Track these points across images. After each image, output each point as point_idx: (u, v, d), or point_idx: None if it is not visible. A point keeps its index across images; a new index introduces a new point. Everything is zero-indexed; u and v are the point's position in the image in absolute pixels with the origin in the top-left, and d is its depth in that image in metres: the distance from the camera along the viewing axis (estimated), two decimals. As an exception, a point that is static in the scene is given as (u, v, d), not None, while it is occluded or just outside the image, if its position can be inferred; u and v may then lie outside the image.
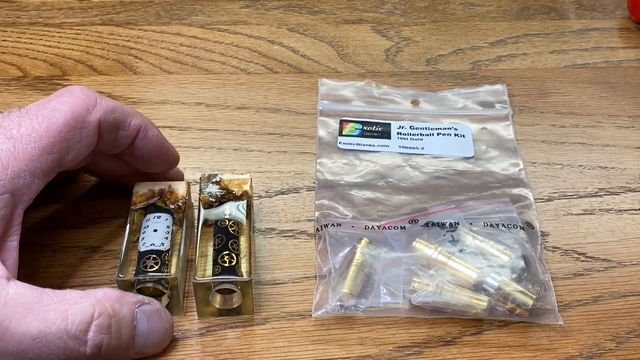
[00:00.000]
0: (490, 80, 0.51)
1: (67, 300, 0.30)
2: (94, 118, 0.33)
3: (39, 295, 0.30)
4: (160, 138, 0.38)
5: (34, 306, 0.29)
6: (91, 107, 0.33)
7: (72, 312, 0.30)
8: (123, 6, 0.56)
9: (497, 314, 0.36)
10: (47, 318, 0.29)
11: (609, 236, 0.41)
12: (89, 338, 0.30)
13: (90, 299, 0.31)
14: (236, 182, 0.39)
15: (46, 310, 0.29)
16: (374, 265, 0.38)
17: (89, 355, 0.30)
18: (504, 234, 0.39)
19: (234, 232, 0.37)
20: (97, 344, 0.30)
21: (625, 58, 0.53)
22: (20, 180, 0.31)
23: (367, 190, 0.43)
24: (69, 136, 0.32)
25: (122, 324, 0.31)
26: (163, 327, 0.33)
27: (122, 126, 0.35)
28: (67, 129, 0.32)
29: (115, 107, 0.35)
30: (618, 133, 0.48)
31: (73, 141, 0.33)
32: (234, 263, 0.35)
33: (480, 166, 0.44)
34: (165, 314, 0.33)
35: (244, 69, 0.51)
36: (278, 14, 0.56)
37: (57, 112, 0.32)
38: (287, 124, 0.47)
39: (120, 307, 0.31)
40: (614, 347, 0.36)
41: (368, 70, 0.52)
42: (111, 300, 0.31)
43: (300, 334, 0.36)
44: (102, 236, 0.40)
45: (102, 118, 0.34)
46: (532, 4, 0.59)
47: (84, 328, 0.30)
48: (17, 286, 0.30)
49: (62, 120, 0.32)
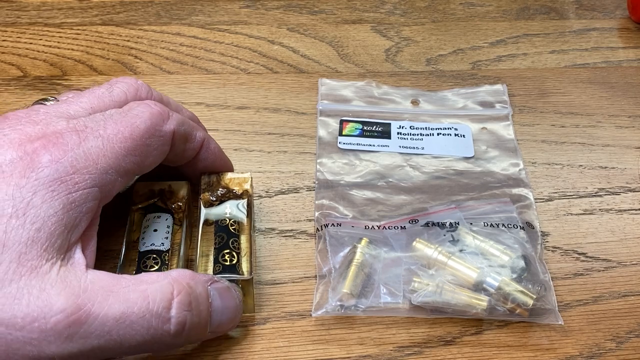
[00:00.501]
0: (490, 80, 0.51)
1: (144, 281, 0.31)
2: (169, 128, 0.35)
3: (116, 279, 0.30)
4: (220, 150, 0.40)
5: (114, 288, 0.30)
6: (166, 118, 0.35)
7: (151, 291, 0.30)
8: (123, 6, 0.56)
9: (497, 314, 0.36)
10: (129, 299, 0.30)
11: (609, 236, 0.41)
12: (172, 315, 0.30)
13: (167, 277, 0.31)
14: (237, 180, 0.39)
15: (126, 291, 0.30)
16: (374, 265, 0.38)
17: (174, 333, 0.31)
18: (504, 234, 0.39)
19: (235, 230, 0.37)
20: (181, 321, 0.31)
21: (625, 58, 0.53)
22: (107, 176, 0.32)
23: (367, 190, 0.43)
24: (148, 142, 0.34)
25: (200, 300, 0.32)
26: (234, 302, 0.34)
27: (189, 138, 0.37)
28: (148, 135, 0.34)
29: (184, 120, 0.37)
30: (618, 133, 0.48)
31: (152, 147, 0.34)
32: (234, 261, 0.35)
33: (480, 166, 0.44)
34: (234, 290, 0.34)
35: (244, 69, 0.51)
36: (278, 14, 0.56)
37: (139, 118, 0.34)
38: (287, 124, 0.47)
39: (195, 284, 0.32)
40: (614, 347, 0.36)
41: (368, 70, 0.52)
42: (186, 278, 0.32)
43: (300, 334, 0.36)
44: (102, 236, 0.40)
45: (176, 129, 0.36)
46: (532, 4, 0.59)
47: (166, 305, 0.30)
48: (95, 273, 0.30)
49: (143, 126, 0.34)
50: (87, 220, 0.32)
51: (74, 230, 0.31)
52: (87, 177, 0.31)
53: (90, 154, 0.32)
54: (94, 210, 0.32)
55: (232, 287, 0.34)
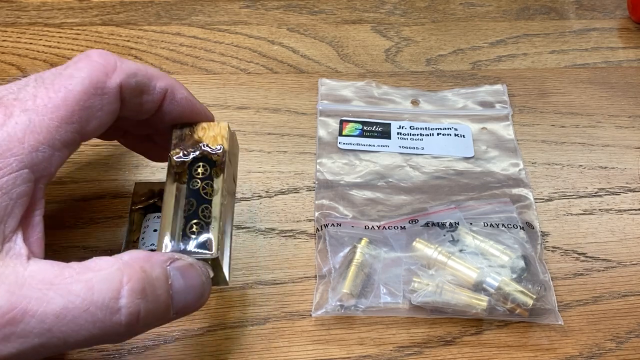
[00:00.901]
0: (490, 80, 0.51)
1: (91, 269, 0.28)
2: (114, 83, 0.31)
3: (60, 269, 0.28)
4: (190, 100, 0.35)
5: (55, 280, 0.27)
6: (110, 71, 0.31)
7: (97, 280, 0.28)
8: (123, 6, 0.56)
9: (497, 314, 0.36)
10: (70, 291, 0.27)
11: (609, 236, 0.41)
12: (123, 305, 0.28)
13: (117, 262, 0.28)
14: (211, 133, 0.35)
15: (68, 282, 0.27)
16: (374, 265, 0.38)
17: (126, 324, 0.28)
18: (504, 234, 0.39)
19: (207, 195, 0.33)
20: (133, 311, 0.28)
21: (625, 58, 0.53)
22: (39, 154, 0.29)
23: (367, 190, 0.43)
24: (88, 104, 0.30)
25: (156, 284, 0.29)
26: (199, 280, 0.31)
27: (146, 90, 0.33)
28: (87, 97, 0.30)
29: (138, 70, 0.32)
30: (618, 133, 0.48)
31: (94, 109, 0.31)
32: (203, 234, 0.32)
33: (480, 166, 0.44)
34: (199, 267, 0.31)
35: (244, 69, 0.51)
36: (278, 14, 0.56)
37: (74, 79, 0.30)
38: (287, 124, 0.47)
39: (151, 267, 0.29)
40: (614, 347, 0.36)
41: (368, 70, 0.52)
42: (140, 261, 0.29)
43: (300, 334, 0.36)
44: (102, 236, 0.40)
45: (124, 82, 0.32)
46: (532, 4, 0.59)
47: (113, 295, 0.28)
48: (37, 264, 0.28)
49: (79, 87, 0.30)
50: (21, 206, 0.29)
51: (7, 220, 0.28)
52: (12, 160, 0.29)
53: (15, 133, 0.29)
54: (29, 194, 0.29)
55: (197, 264, 0.31)
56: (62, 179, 0.43)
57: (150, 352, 0.35)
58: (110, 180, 0.43)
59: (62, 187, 0.42)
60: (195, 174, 0.33)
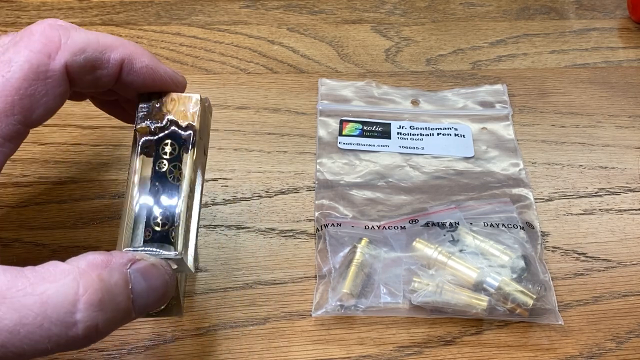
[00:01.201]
0: (490, 80, 0.51)
1: (46, 279, 0.26)
2: (57, 65, 0.28)
3: (13, 278, 0.26)
4: (153, 68, 0.31)
5: (8, 293, 0.25)
6: (53, 51, 0.28)
7: (51, 293, 0.26)
8: (123, 6, 0.56)
9: (497, 314, 0.36)
10: (24, 305, 0.25)
11: (609, 236, 0.41)
12: (79, 319, 0.26)
13: (73, 272, 0.27)
14: (181, 107, 0.31)
15: (21, 296, 0.25)
16: (374, 265, 0.38)
17: (84, 336, 0.26)
18: (504, 234, 0.39)
19: (173, 180, 0.30)
20: (90, 325, 0.26)
21: (625, 58, 0.53)
22: None
23: (367, 190, 0.43)
24: (30, 92, 0.28)
25: (115, 292, 0.27)
26: (162, 279, 0.29)
27: (98, 65, 0.30)
28: (27, 84, 0.28)
29: (87, 43, 0.29)
30: (618, 133, 0.48)
31: (37, 96, 0.28)
32: (167, 226, 0.30)
33: (480, 166, 0.44)
34: (161, 266, 0.29)
35: (244, 69, 0.51)
36: (278, 14, 0.56)
37: (12, 64, 0.28)
38: (287, 124, 0.47)
39: (110, 273, 0.27)
40: (614, 347, 0.36)
41: (368, 70, 0.52)
42: (97, 268, 0.27)
43: (300, 334, 0.36)
44: (102, 236, 0.40)
45: (69, 62, 0.29)
46: (532, 4, 0.59)
47: (69, 309, 0.26)
48: None
49: (18, 74, 0.28)
50: None
51: None
52: None
53: None
54: None
55: (158, 263, 0.29)
56: (62, 179, 0.43)
57: (150, 352, 0.35)
58: (110, 180, 0.43)
59: (62, 187, 0.42)
60: (162, 152, 0.31)
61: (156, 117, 0.31)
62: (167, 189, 0.30)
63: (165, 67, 0.32)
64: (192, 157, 0.31)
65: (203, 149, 0.33)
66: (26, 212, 0.41)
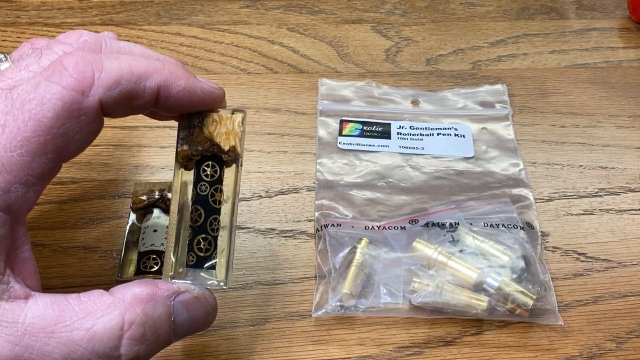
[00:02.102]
0: (491, 80, 0.51)
1: (92, 314, 0.27)
2: (92, 102, 0.27)
3: (60, 312, 0.27)
4: (189, 91, 0.30)
5: (55, 329, 0.27)
6: (87, 88, 0.27)
7: (98, 329, 0.27)
8: (123, 6, 0.56)
9: (497, 314, 0.36)
10: (72, 340, 0.27)
11: (609, 236, 0.41)
12: (122, 353, 0.27)
13: (119, 307, 0.28)
14: (223, 129, 0.31)
15: (69, 330, 0.27)
16: (374, 265, 0.38)
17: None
18: (504, 234, 0.39)
19: (215, 203, 0.30)
20: (132, 358, 0.28)
21: (626, 58, 0.53)
22: (12, 194, 0.27)
23: (367, 191, 0.43)
24: (63, 130, 0.27)
25: (157, 325, 0.28)
26: (205, 311, 0.30)
27: (134, 96, 0.29)
28: (60, 123, 0.27)
29: (121, 75, 0.28)
30: (618, 133, 0.48)
31: (70, 134, 0.27)
32: (209, 252, 0.30)
33: (480, 166, 0.44)
34: (205, 298, 0.30)
35: (244, 69, 0.51)
36: (278, 14, 0.56)
37: (44, 104, 0.27)
38: (287, 124, 0.47)
39: (154, 307, 0.28)
40: (614, 347, 0.36)
41: (368, 70, 0.52)
42: (142, 303, 0.28)
43: (300, 334, 0.36)
44: (102, 236, 0.40)
45: (104, 98, 0.28)
46: (532, 4, 0.59)
47: (114, 344, 0.27)
48: (37, 305, 0.27)
49: (51, 114, 0.27)
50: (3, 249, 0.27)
51: None
52: None
53: None
54: (7, 236, 0.27)
55: (202, 295, 0.30)
56: (62, 179, 0.43)
57: (150, 352, 0.35)
58: (110, 180, 0.43)
59: (62, 187, 0.42)
60: (204, 175, 0.30)
61: (197, 139, 0.30)
62: (209, 213, 0.30)
63: (202, 84, 0.31)
64: (234, 175, 0.30)
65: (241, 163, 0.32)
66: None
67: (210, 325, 0.31)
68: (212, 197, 0.30)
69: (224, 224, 0.30)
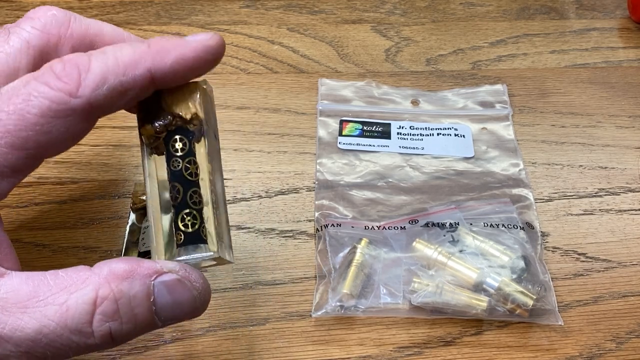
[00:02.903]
0: (491, 80, 0.51)
1: (66, 289, 0.27)
2: (79, 103, 0.27)
3: (35, 287, 0.27)
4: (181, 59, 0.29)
5: (29, 303, 0.26)
6: (74, 89, 0.27)
7: (71, 304, 0.26)
8: (123, 6, 0.56)
9: (497, 314, 0.36)
10: (44, 315, 0.26)
11: (609, 236, 0.41)
12: (95, 329, 0.27)
13: (93, 281, 0.27)
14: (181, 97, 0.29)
15: (43, 305, 0.26)
16: (374, 265, 0.38)
17: (101, 344, 0.27)
18: (504, 234, 0.39)
19: (191, 176, 0.29)
20: (104, 334, 0.27)
21: (626, 58, 0.53)
22: None
23: (367, 191, 0.43)
24: (47, 129, 0.27)
25: (133, 304, 0.27)
26: (190, 295, 0.28)
27: (125, 88, 0.28)
28: (45, 121, 0.27)
29: (107, 71, 0.27)
30: (618, 133, 0.48)
31: (55, 133, 0.27)
32: (197, 225, 0.29)
33: (480, 166, 0.44)
34: (189, 281, 0.28)
35: (244, 69, 0.51)
36: (278, 14, 0.56)
37: (31, 101, 0.27)
38: (287, 124, 0.47)
39: (130, 284, 0.27)
40: (614, 347, 0.36)
41: (368, 70, 0.52)
42: (117, 279, 0.27)
43: (300, 335, 0.36)
44: (102, 236, 0.40)
45: (92, 98, 0.27)
46: (532, 4, 0.59)
47: (86, 320, 0.27)
48: (12, 281, 0.27)
49: (36, 110, 0.27)
50: None
51: None
52: None
53: None
54: None
55: (187, 278, 0.28)
56: (62, 179, 0.43)
57: (151, 352, 0.35)
58: (110, 180, 0.43)
59: (62, 187, 0.42)
60: (173, 150, 0.29)
61: (157, 115, 0.29)
62: (187, 187, 0.29)
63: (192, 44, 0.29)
64: (205, 147, 0.29)
65: (213, 134, 0.31)
66: (26, 212, 0.41)
67: (200, 312, 0.29)
68: (187, 170, 0.29)
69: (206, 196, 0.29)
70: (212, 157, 0.30)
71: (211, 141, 0.30)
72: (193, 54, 0.28)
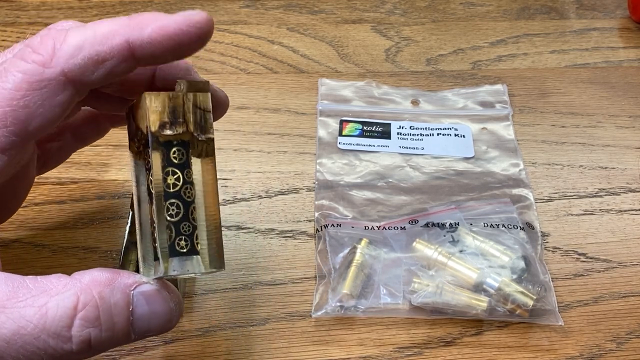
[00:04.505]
0: (491, 80, 0.51)
1: (46, 292, 0.26)
2: (53, 72, 0.27)
3: (14, 289, 0.26)
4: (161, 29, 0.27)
5: (7, 303, 0.26)
6: (47, 60, 0.27)
7: (51, 306, 0.26)
8: (123, 6, 0.56)
9: (497, 315, 0.36)
10: (23, 316, 0.26)
11: (610, 236, 0.41)
12: (74, 334, 0.26)
13: (75, 286, 0.27)
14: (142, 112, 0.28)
15: (21, 306, 0.26)
16: (374, 265, 0.38)
17: (78, 351, 0.27)
18: (504, 235, 0.39)
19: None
20: (84, 340, 0.27)
21: (626, 58, 0.53)
22: None
23: (367, 191, 0.43)
24: (23, 102, 0.27)
25: (113, 312, 0.27)
26: (166, 307, 0.29)
27: (102, 58, 0.27)
28: (20, 95, 0.27)
29: (83, 40, 0.27)
30: (618, 133, 0.48)
31: (32, 107, 0.27)
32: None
33: (480, 166, 0.44)
34: (167, 293, 0.29)
35: (244, 69, 0.51)
36: (278, 14, 0.56)
37: (6, 77, 0.27)
38: (287, 124, 0.47)
39: (111, 292, 0.27)
40: (614, 347, 0.36)
41: (368, 70, 0.52)
42: (99, 286, 0.27)
43: (300, 335, 0.36)
44: (102, 236, 0.40)
45: (67, 67, 0.27)
46: (532, 4, 0.59)
47: (65, 324, 0.26)
48: None
49: (10, 85, 0.27)
50: None
51: None
52: None
53: None
54: None
55: (165, 289, 0.29)
56: (62, 179, 0.43)
57: (150, 352, 0.35)
58: (110, 180, 0.43)
59: (62, 187, 0.42)
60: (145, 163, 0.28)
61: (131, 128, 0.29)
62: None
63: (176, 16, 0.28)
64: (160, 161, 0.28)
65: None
66: (26, 212, 0.41)
67: (172, 325, 0.29)
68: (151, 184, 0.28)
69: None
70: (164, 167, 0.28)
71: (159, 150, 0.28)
72: (174, 25, 0.27)
